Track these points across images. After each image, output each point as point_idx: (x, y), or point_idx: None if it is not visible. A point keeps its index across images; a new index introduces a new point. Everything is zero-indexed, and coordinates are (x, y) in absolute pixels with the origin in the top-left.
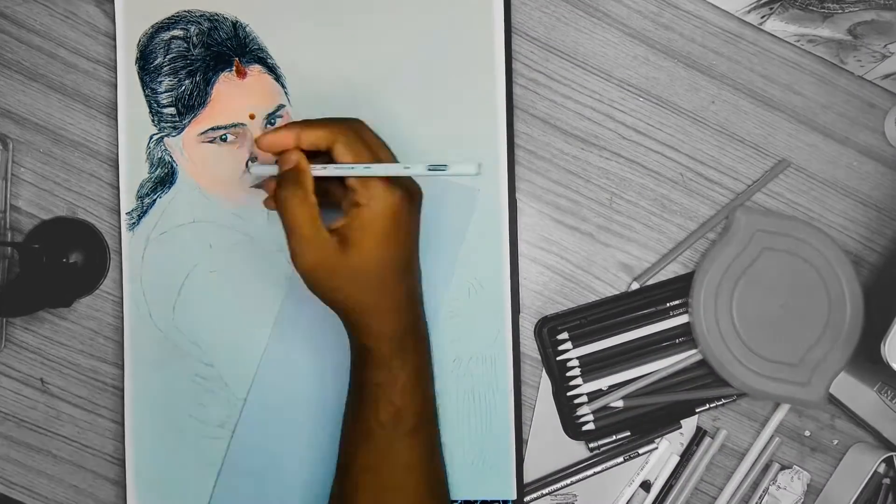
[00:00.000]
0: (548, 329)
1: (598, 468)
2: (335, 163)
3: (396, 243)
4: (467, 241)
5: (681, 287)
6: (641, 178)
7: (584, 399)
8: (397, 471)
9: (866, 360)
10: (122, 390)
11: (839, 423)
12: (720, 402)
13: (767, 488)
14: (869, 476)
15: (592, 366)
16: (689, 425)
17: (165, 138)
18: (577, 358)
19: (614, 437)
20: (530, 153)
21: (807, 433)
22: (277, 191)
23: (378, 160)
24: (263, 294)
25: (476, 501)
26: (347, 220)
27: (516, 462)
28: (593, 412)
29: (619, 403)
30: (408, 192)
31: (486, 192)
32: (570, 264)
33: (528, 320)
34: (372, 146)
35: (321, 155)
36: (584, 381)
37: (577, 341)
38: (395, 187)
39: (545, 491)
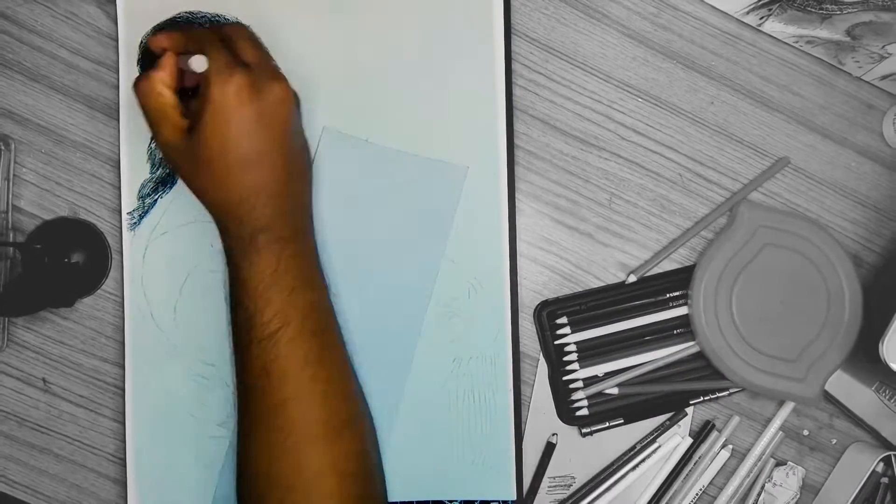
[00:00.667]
0: (547, 313)
1: (613, 479)
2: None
3: (236, 131)
4: (467, 241)
5: (681, 278)
6: (640, 179)
7: (580, 384)
8: (256, 376)
9: (865, 359)
10: (124, 390)
11: (837, 422)
12: (715, 395)
13: (763, 486)
14: (867, 475)
15: (590, 352)
16: (685, 422)
17: None
18: (575, 343)
19: (607, 424)
20: (530, 153)
21: (805, 432)
22: (133, 85)
23: (237, 56)
24: None
25: (476, 501)
26: (195, 105)
27: (516, 462)
28: (588, 398)
29: (615, 391)
30: (252, 81)
31: (486, 192)
32: (570, 264)
33: (528, 320)
34: (237, 44)
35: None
36: (581, 367)
37: (576, 326)
38: (234, 74)
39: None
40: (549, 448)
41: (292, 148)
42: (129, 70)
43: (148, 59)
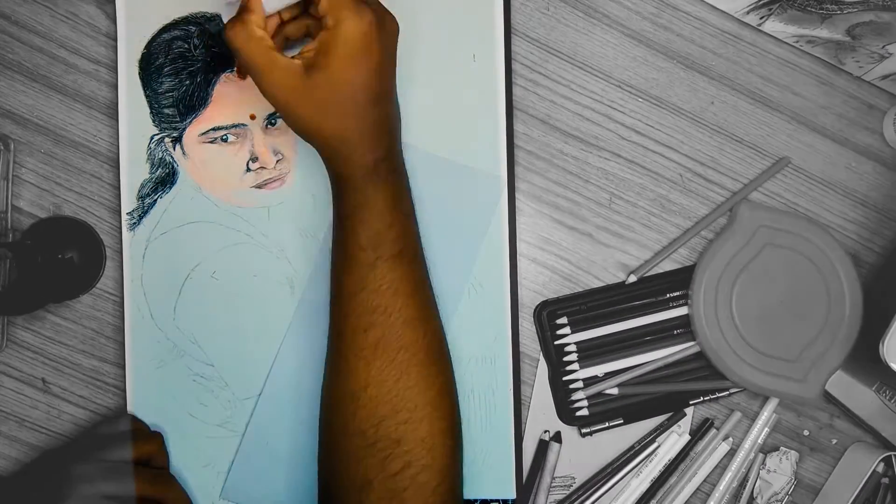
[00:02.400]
0: (547, 313)
1: (613, 480)
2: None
3: (366, 67)
4: (472, 239)
5: (681, 278)
6: (640, 179)
7: (580, 384)
8: (383, 294)
9: (865, 359)
10: (123, 390)
11: (838, 422)
12: (715, 396)
13: (759, 473)
14: (867, 476)
15: (590, 352)
16: (685, 422)
17: (166, 138)
18: (575, 343)
19: (607, 424)
20: (530, 153)
21: (806, 433)
22: (226, 34)
23: None
24: (264, 294)
25: (476, 501)
26: (315, 45)
27: (516, 462)
28: (588, 398)
29: (615, 391)
30: (378, 17)
31: (486, 192)
32: (570, 264)
33: (528, 320)
34: None
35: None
36: (581, 367)
37: (576, 327)
38: (363, 11)
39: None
40: (542, 445)
41: (395, 81)
42: (128, 70)
43: (150, 59)
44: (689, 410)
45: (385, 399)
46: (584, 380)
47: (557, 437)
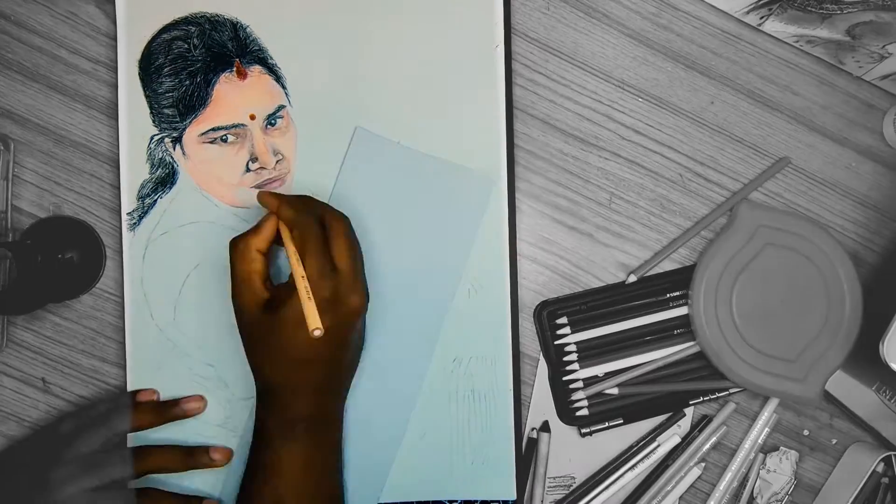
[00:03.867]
0: (547, 313)
1: (612, 478)
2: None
3: (306, 335)
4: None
5: (681, 278)
6: (640, 179)
7: (580, 385)
8: None
9: (865, 359)
10: (124, 390)
11: (838, 422)
12: (715, 396)
13: (759, 473)
14: (867, 475)
15: (590, 352)
16: (684, 423)
17: (166, 139)
18: (575, 343)
19: (607, 424)
20: (530, 153)
21: (806, 433)
22: (230, 242)
23: (332, 264)
24: None
25: (476, 501)
26: (282, 289)
27: (516, 462)
28: (588, 398)
29: (615, 391)
30: (336, 296)
31: (486, 191)
32: (570, 264)
33: (528, 320)
34: (334, 240)
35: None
36: (581, 367)
37: (576, 327)
38: (319, 288)
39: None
40: (531, 443)
41: (350, 350)
42: (128, 70)
43: (150, 59)
44: (687, 411)
45: None
46: (584, 380)
47: (545, 427)
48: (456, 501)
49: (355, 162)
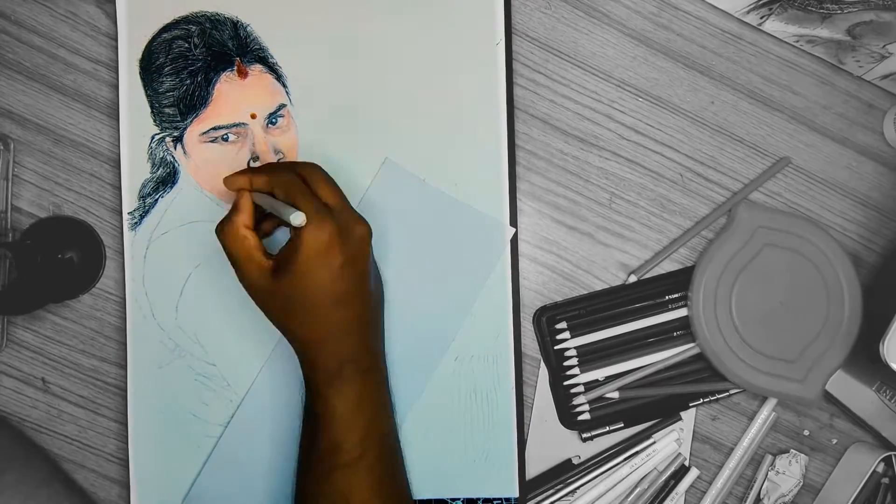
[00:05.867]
0: (546, 318)
1: (601, 469)
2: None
3: (327, 272)
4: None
5: (680, 280)
6: (641, 179)
7: (581, 389)
8: (338, 501)
9: (865, 359)
10: (125, 390)
11: (838, 422)
12: (716, 397)
13: (767, 475)
14: (868, 476)
15: (590, 356)
16: (686, 419)
17: (167, 138)
18: (575, 348)
19: (608, 428)
20: (530, 153)
21: (806, 433)
22: (216, 231)
23: (320, 200)
24: None
25: (478, 500)
26: (283, 249)
27: (518, 460)
28: (589, 402)
29: (615, 395)
30: (342, 225)
31: (487, 192)
32: (570, 264)
33: (529, 320)
34: (316, 186)
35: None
36: (582, 372)
37: (576, 331)
38: (324, 222)
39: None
40: (568, 466)
41: (371, 279)
42: (128, 70)
43: (150, 59)
44: (683, 415)
45: None
46: (584, 384)
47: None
48: (458, 500)
49: (379, 192)
